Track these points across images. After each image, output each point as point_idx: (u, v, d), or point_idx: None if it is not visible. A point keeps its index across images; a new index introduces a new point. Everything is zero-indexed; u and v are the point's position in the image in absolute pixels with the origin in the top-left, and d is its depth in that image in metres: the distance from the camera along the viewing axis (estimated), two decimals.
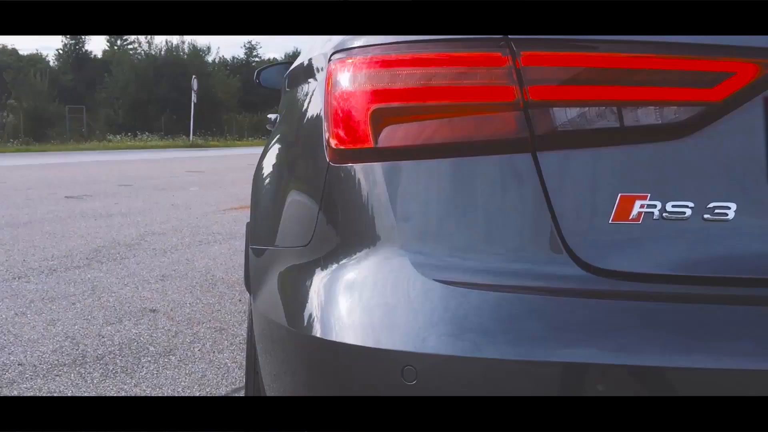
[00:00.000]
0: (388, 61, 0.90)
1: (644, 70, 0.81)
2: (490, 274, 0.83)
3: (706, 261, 0.81)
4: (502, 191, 0.85)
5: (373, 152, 0.90)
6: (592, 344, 0.77)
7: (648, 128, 0.82)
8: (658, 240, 0.81)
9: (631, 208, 0.81)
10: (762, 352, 0.76)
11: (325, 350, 0.88)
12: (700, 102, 0.81)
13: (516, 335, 0.79)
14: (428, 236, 0.87)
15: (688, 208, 0.81)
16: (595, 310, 0.79)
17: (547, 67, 0.83)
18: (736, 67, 0.79)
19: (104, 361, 2.59)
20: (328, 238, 0.96)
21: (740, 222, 0.81)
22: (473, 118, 0.86)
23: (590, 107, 0.83)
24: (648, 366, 0.76)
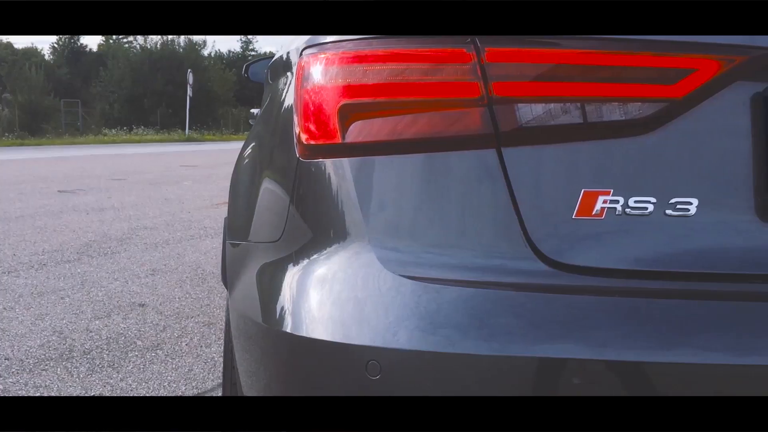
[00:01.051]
0: (356, 57, 0.90)
1: (607, 67, 0.82)
2: (454, 269, 0.84)
3: (667, 256, 0.82)
4: (468, 187, 0.85)
5: (342, 148, 0.91)
6: (550, 338, 0.77)
7: (611, 124, 0.82)
8: (621, 235, 0.82)
9: (594, 204, 0.82)
10: (724, 347, 0.77)
11: (294, 346, 0.88)
12: (663, 98, 0.81)
13: (479, 331, 0.79)
14: (395, 232, 0.87)
15: (651, 203, 0.82)
16: (556, 305, 0.80)
17: (511, 64, 0.83)
18: (697, 64, 0.80)
19: (91, 355, 2.60)
20: (298, 233, 0.96)
21: (702, 217, 0.81)
22: (439, 114, 0.86)
23: (554, 103, 0.83)
24: (614, 361, 0.76)
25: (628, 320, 0.78)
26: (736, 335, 0.78)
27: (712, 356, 0.76)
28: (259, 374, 1.00)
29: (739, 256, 0.82)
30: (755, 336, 0.78)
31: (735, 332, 0.78)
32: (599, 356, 0.77)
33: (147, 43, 36.97)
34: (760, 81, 0.81)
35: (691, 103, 0.81)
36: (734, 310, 0.79)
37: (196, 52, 38.09)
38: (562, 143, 0.83)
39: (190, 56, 36.38)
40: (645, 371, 0.77)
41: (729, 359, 0.76)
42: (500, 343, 0.78)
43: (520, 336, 0.78)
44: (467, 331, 0.80)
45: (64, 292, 3.45)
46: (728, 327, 0.78)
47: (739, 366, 0.76)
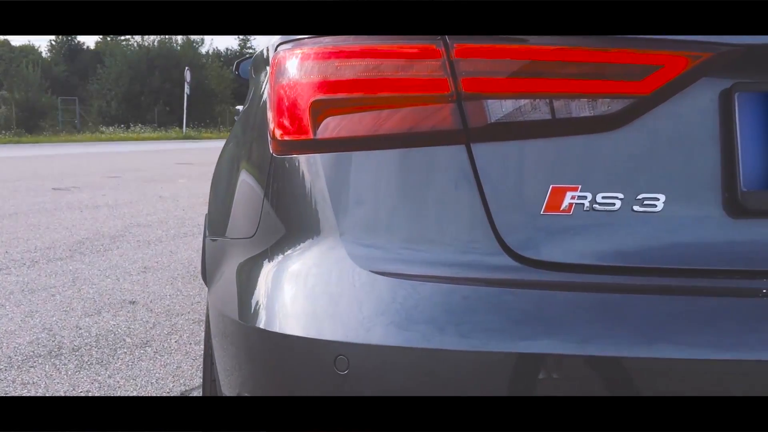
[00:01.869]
0: (328, 53, 0.90)
1: (575, 63, 0.82)
2: (424, 265, 0.84)
3: (634, 252, 0.82)
4: (438, 183, 0.85)
5: (314, 143, 0.91)
6: (514, 334, 0.78)
7: (579, 120, 0.83)
8: (589, 231, 0.82)
9: (562, 200, 0.82)
10: (694, 342, 0.77)
11: (267, 342, 0.89)
12: (630, 95, 0.81)
13: (445, 326, 0.80)
14: (366, 228, 0.87)
15: (618, 199, 0.82)
16: (522, 301, 0.80)
17: (480, 60, 0.84)
18: (664, 60, 0.80)
19: (80, 352, 2.60)
20: (272, 230, 0.96)
21: (669, 213, 0.82)
22: (410, 111, 0.86)
23: (523, 99, 0.83)
24: (573, 355, 0.76)
25: (595, 315, 0.79)
26: (703, 331, 0.78)
27: (686, 352, 0.77)
28: (235, 371, 1.00)
29: (707, 251, 0.82)
30: (721, 332, 0.78)
31: (702, 328, 0.78)
32: (566, 351, 0.77)
33: (144, 41, 36.91)
34: (727, 77, 0.82)
35: (658, 100, 0.82)
36: (702, 306, 0.80)
37: (193, 49, 38.04)
38: (530, 139, 0.84)
39: (188, 54, 36.33)
40: (615, 367, 0.77)
41: (698, 355, 0.76)
42: (463, 338, 0.78)
43: (482, 331, 0.78)
44: (435, 326, 0.80)
45: (55, 290, 3.45)
46: (696, 322, 0.78)
47: (708, 361, 0.76)
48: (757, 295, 0.80)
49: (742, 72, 0.82)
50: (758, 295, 0.80)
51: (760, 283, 0.81)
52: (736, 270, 0.81)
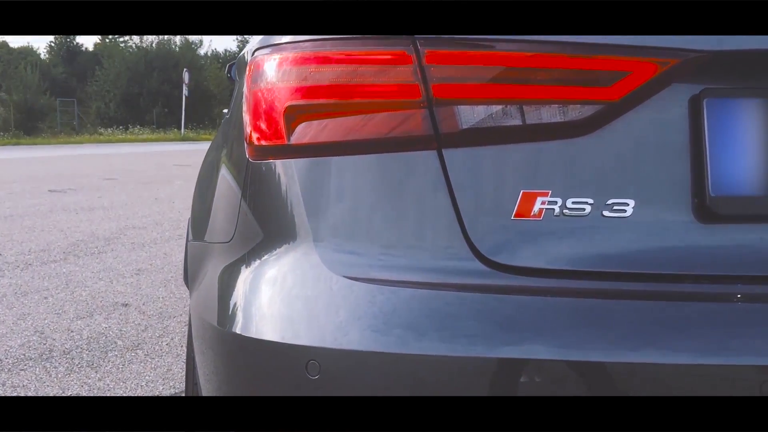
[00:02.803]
0: (301, 59, 0.91)
1: (545, 69, 0.83)
2: (396, 270, 0.84)
3: (604, 257, 0.83)
4: (410, 188, 0.86)
5: (289, 149, 0.91)
6: (481, 338, 0.78)
7: (550, 126, 0.83)
8: (559, 236, 0.83)
9: (533, 205, 0.83)
10: (659, 345, 0.77)
11: (242, 347, 0.89)
12: (599, 100, 0.82)
13: (416, 331, 0.80)
14: (339, 233, 0.88)
15: (588, 204, 0.82)
16: (493, 305, 0.80)
17: (451, 66, 0.84)
18: (632, 66, 0.81)
19: (71, 355, 2.60)
20: (249, 234, 0.97)
21: (638, 218, 0.82)
22: (382, 116, 0.87)
23: (493, 105, 0.84)
24: (541, 360, 0.77)
25: (565, 320, 0.79)
26: (674, 335, 0.78)
27: (658, 356, 0.77)
28: (214, 375, 1.01)
29: (677, 256, 0.83)
30: (691, 336, 0.78)
31: (674, 333, 0.78)
32: (536, 356, 0.77)
33: (143, 42, 36.93)
34: (696, 83, 0.82)
35: (628, 106, 0.82)
36: (672, 310, 0.80)
37: (192, 51, 38.07)
38: (501, 145, 0.84)
39: (187, 55, 36.35)
40: (585, 371, 0.77)
41: (670, 359, 0.77)
42: (434, 342, 0.78)
43: (451, 336, 0.78)
44: (405, 331, 0.80)
45: (48, 292, 3.45)
46: (667, 327, 0.79)
47: (681, 366, 0.77)
48: (731, 300, 0.80)
49: (711, 78, 0.82)
50: (732, 300, 0.80)
51: (730, 288, 0.81)
52: (705, 275, 0.82)
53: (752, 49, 0.80)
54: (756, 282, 0.81)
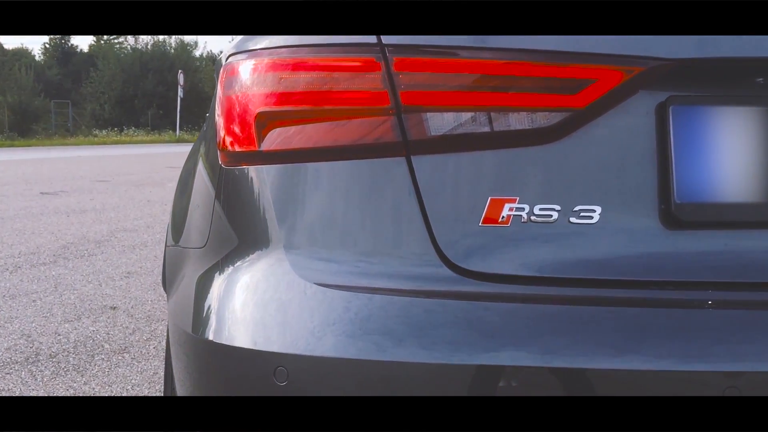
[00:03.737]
0: (271, 65, 0.91)
1: (512, 77, 0.83)
2: (364, 277, 0.85)
3: (571, 263, 0.83)
4: (380, 195, 0.86)
5: (260, 155, 0.91)
6: (450, 345, 0.78)
7: (517, 133, 0.84)
8: (526, 242, 0.83)
9: (500, 211, 0.83)
10: (619, 351, 0.78)
11: (214, 352, 0.89)
12: (566, 108, 0.82)
13: (382, 337, 0.80)
14: (309, 240, 0.88)
15: (555, 211, 0.83)
16: (460, 311, 0.81)
17: (419, 73, 0.85)
18: (597, 74, 0.81)
19: (57, 359, 2.59)
20: (221, 240, 0.97)
21: (605, 225, 0.83)
22: (352, 123, 0.87)
23: (461, 112, 0.84)
24: (508, 366, 0.77)
25: (531, 326, 0.80)
26: (641, 341, 0.79)
27: (626, 362, 0.77)
28: (186, 381, 1.01)
29: (644, 262, 0.83)
30: (658, 342, 0.79)
31: (640, 338, 0.79)
32: (502, 362, 0.78)
33: (138, 43, 36.90)
34: (662, 91, 0.83)
35: (595, 113, 0.83)
36: (640, 317, 0.80)
37: (187, 52, 38.04)
38: (469, 151, 0.84)
39: (182, 57, 36.33)
40: (551, 376, 0.78)
41: (637, 365, 0.77)
42: (399, 349, 0.79)
43: (415, 343, 0.79)
44: (372, 338, 0.80)
45: (36, 295, 3.44)
46: (634, 333, 0.79)
47: (647, 372, 0.77)
48: (695, 306, 0.81)
49: (677, 86, 0.83)
50: (697, 306, 0.81)
51: (694, 294, 0.82)
52: (670, 281, 0.82)
53: (717, 57, 0.81)
54: (720, 288, 0.82)
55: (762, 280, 0.83)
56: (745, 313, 0.81)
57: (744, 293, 0.82)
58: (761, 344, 0.78)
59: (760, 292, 0.83)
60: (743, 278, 0.83)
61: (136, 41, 37.54)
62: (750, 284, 0.83)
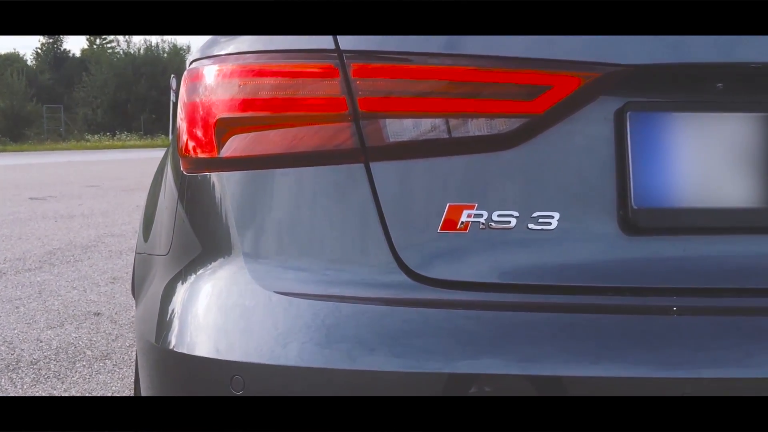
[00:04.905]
0: (230, 71, 0.90)
1: (469, 83, 0.83)
2: (323, 284, 0.84)
3: (529, 270, 0.83)
4: (339, 202, 0.86)
5: (219, 162, 0.91)
6: (406, 353, 0.78)
7: (476, 139, 0.83)
8: (484, 249, 0.83)
9: (459, 218, 0.83)
10: (577, 358, 0.77)
11: (173, 361, 0.88)
12: (523, 114, 0.82)
13: (339, 345, 0.79)
14: (268, 247, 0.87)
15: (513, 217, 0.82)
16: (417, 319, 0.80)
17: (377, 79, 0.84)
18: (554, 80, 0.81)
19: (38, 366, 2.57)
20: (183, 248, 0.97)
21: (564, 231, 0.82)
22: (310, 129, 0.87)
23: (419, 118, 0.84)
24: (462, 374, 0.77)
25: (488, 334, 0.79)
26: (601, 347, 0.78)
27: (586, 369, 0.77)
28: (149, 389, 1.00)
29: (603, 268, 0.83)
30: (617, 348, 0.78)
31: (599, 344, 0.78)
32: (458, 370, 0.77)
33: (130, 48, 36.86)
34: (621, 97, 0.83)
35: (553, 119, 0.82)
36: (598, 323, 0.80)
37: (180, 57, 37.99)
38: (428, 158, 0.84)
39: (174, 61, 36.29)
40: (508, 384, 0.77)
41: (597, 372, 0.77)
42: (356, 357, 0.78)
43: (370, 350, 0.78)
44: (329, 346, 0.80)
45: (20, 302, 3.42)
46: (590, 339, 0.79)
47: (608, 379, 0.77)
48: (652, 313, 0.80)
49: (635, 92, 0.83)
50: (654, 312, 0.80)
51: (652, 300, 0.82)
52: (628, 287, 0.82)
53: (675, 63, 0.81)
54: (681, 294, 0.81)
55: (722, 286, 0.83)
56: (705, 319, 0.81)
57: (705, 299, 0.82)
58: (719, 351, 0.78)
59: (721, 298, 0.83)
60: (703, 284, 0.83)
61: (128, 46, 37.49)
62: (711, 290, 0.83)
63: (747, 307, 0.82)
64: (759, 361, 0.77)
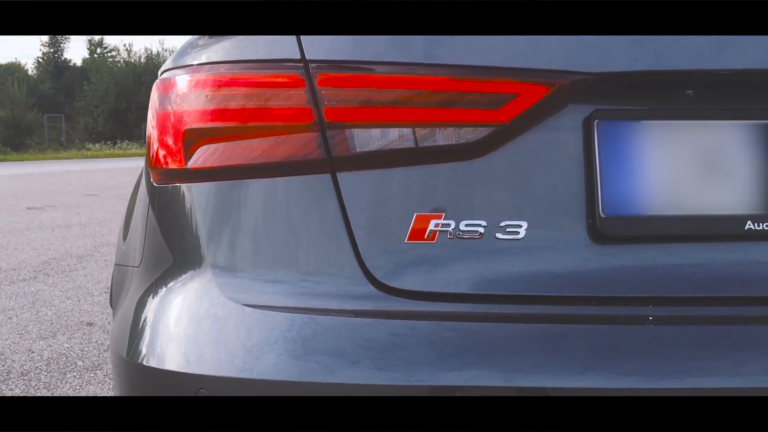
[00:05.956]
0: (198, 82, 0.90)
1: (435, 92, 0.82)
2: (293, 297, 0.83)
3: (498, 279, 0.82)
4: (306, 213, 0.85)
5: (187, 173, 0.90)
6: (371, 364, 0.77)
7: (443, 149, 0.83)
8: (452, 259, 0.82)
9: (426, 228, 0.82)
10: (546, 368, 0.76)
11: (139, 375, 0.88)
12: (489, 123, 0.81)
13: (308, 357, 0.79)
14: (236, 258, 0.87)
15: (481, 226, 0.82)
16: (384, 330, 0.79)
17: (343, 89, 0.84)
18: (519, 89, 0.80)
19: (28, 377, 2.56)
20: (153, 260, 0.96)
21: (532, 240, 0.81)
22: (277, 140, 0.86)
23: (386, 128, 0.83)
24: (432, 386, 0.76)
25: (457, 345, 0.78)
26: (568, 357, 0.77)
27: (558, 380, 0.76)
28: None
29: (572, 277, 0.82)
30: (587, 358, 0.77)
31: (571, 355, 0.77)
32: (427, 382, 0.76)
33: (131, 57, 36.95)
34: (588, 105, 0.82)
35: (519, 128, 0.82)
36: (567, 333, 0.79)
37: None
38: (395, 167, 0.83)
39: None
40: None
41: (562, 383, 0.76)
42: (324, 371, 0.77)
43: (341, 363, 0.77)
44: (296, 357, 0.79)
45: (13, 312, 3.41)
46: (565, 349, 0.78)
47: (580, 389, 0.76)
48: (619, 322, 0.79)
49: (603, 100, 0.82)
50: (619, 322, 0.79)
51: (625, 309, 0.81)
52: (597, 296, 0.81)
53: (641, 70, 0.80)
54: (650, 303, 0.80)
55: (693, 295, 0.82)
56: (677, 329, 0.80)
57: (676, 308, 0.81)
58: (692, 361, 0.77)
59: (692, 306, 0.82)
60: (674, 293, 0.82)
61: (129, 55, 37.58)
62: (681, 299, 0.82)
63: (721, 316, 0.81)
64: (732, 370, 0.76)
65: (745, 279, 0.81)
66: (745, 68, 0.80)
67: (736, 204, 0.81)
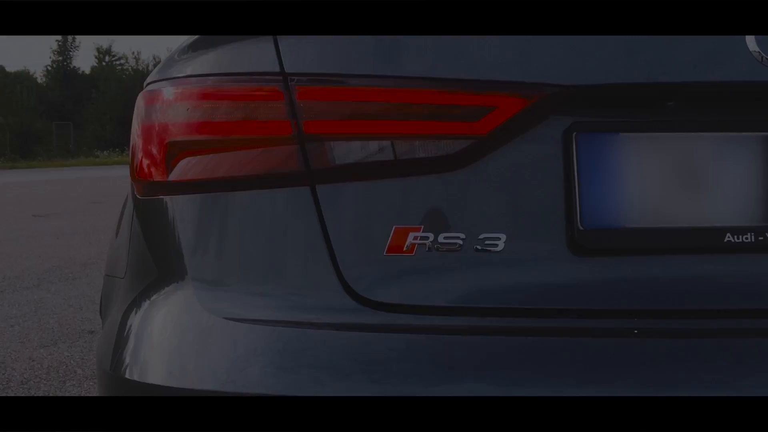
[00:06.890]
0: (179, 95, 0.90)
1: (414, 104, 0.82)
2: (274, 310, 0.83)
3: (477, 292, 0.81)
4: (287, 225, 0.85)
5: (169, 186, 0.90)
6: (353, 377, 0.77)
7: (422, 161, 0.83)
8: (431, 272, 0.82)
9: (405, 240, 0.82)
10: (522, 381, 0.76)
11: (120, 387, 0.88)
12: (468, 135, 0.81)
13: (292, 370, 0.79)
14: (217, 272, 0.87)
15: (460, 239, 0.81)
16: (362, 343, 0.79)
17: (322, 102, 0.84)
18: (497, 101, 0.80)
19: (28, 385, 2.57)
20: (136, 271, 0.97)
21: (511, 253, 0.81)
22: (257, 153, 0.86)
23: (365, 141, 0.83)
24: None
25: (435, 358, 0.78)
26: (548, 369, 0.77)
27: (538, 390, 0.75)
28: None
29: (551, 290, 0.82)
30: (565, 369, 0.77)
31: (547, 366, 0.77)
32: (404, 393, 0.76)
33: (139, 64, 37.20)
34: (568, 117, 0.82)
35: (498, 140, 0.81)
36: (546, 346, 0.79)
37: None
38: (373, 180, 0.83)
39: None
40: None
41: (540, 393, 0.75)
42: (301, 384, 0.77)
43: (317, 375, 0.77)
44: (279, 370, 0.79)
45: (15, 320, 3.43)
46: (543, 362, 0.77)
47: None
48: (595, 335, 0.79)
49: (582, 112, 0.82)
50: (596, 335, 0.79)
51: (605, 322, 0.81)
52: (575, 309, 0.81)
53: (619, 83, 0.80)
54: (627, 316, 0.80)
55: (674, 308, 0.81)
56: (658, 342, 0.79)
57: (653, 321, 0.81)
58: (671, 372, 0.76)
59: (673, 320, 0.81)
60: (655, 306, 0.81)
61: (137, 63, 37.84)
62: (661, 312, 0.81)
63: (700, 329, 0.80)
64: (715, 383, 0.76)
65: (725, 292, 0.81)
66: (724, 81, 0.79)
67: (715, 216, 0.81)
